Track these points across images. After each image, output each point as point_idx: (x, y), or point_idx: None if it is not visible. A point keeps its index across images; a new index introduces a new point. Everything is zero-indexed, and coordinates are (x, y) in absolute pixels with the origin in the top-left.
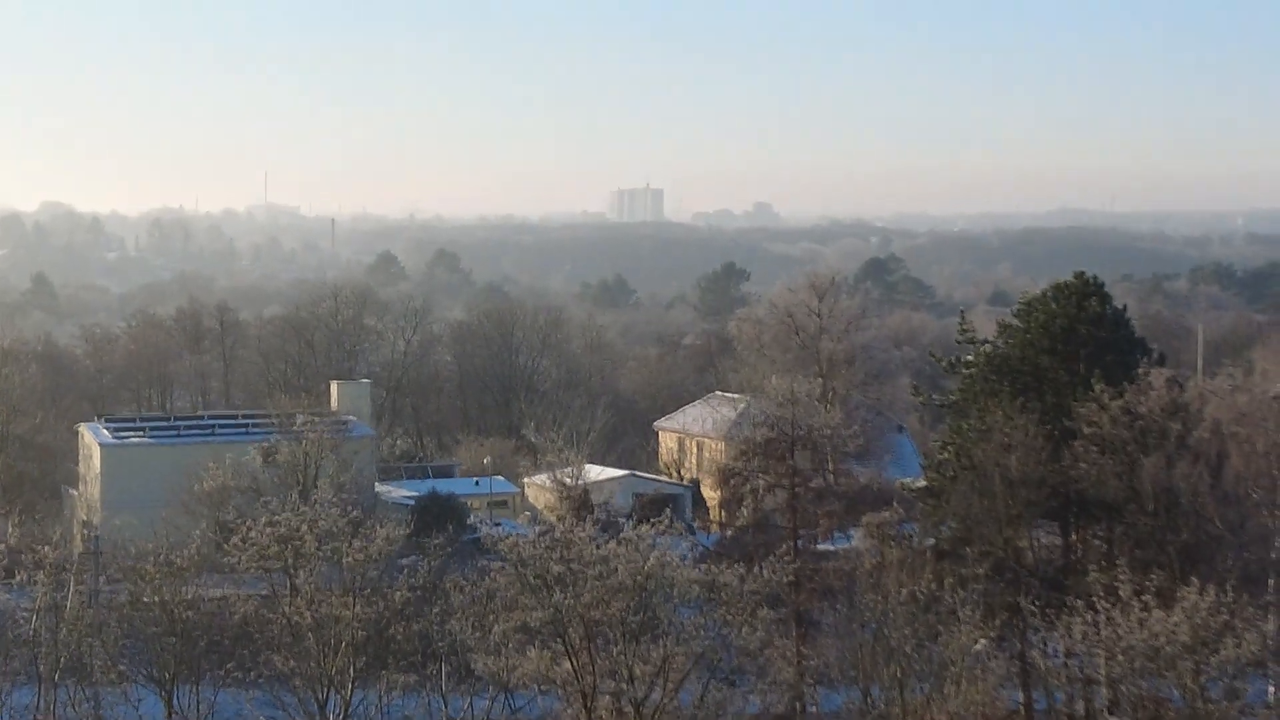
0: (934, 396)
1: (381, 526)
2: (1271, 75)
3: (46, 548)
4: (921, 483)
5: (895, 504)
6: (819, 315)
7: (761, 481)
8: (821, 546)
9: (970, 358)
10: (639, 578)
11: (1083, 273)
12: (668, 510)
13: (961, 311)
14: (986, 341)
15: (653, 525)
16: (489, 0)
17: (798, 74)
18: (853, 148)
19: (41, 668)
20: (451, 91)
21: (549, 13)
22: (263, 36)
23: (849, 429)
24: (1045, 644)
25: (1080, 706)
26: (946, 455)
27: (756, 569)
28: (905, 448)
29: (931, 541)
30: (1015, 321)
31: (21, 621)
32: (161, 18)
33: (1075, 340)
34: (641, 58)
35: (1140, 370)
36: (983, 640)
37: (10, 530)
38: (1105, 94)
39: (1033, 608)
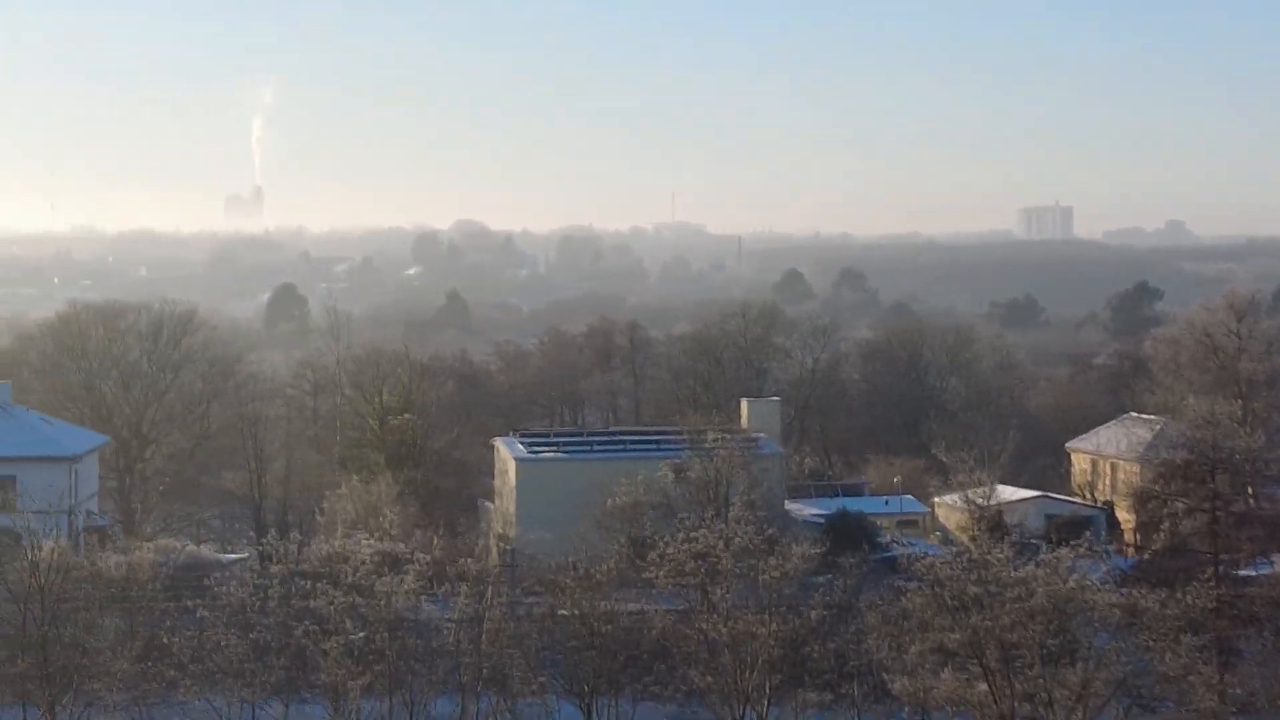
0: None
1: (796, 545)
2: None
3: (469, 560)
4: None
5: None
6: (1238, 335)
7: (1180, 505)
8: (1243, 572)
9: None
10: (1058, 601)
11: None
12: (1087, 533)
13: None
14: None
15: (1071, 547)
16: (896, 22)
17: (1208, 84)
18: (1273, 163)
19: (463, 677)
20: (855, 110)
21: (958, 27)
22: (674, 64)
23: (1271, 452)
24: None
25: None
26: None
27: (1178, 594)
28: None
29: None
30: None
31: (445, 631)
32: (576, 45)
33: None
34: (1047, 74)
35: None
36: None
37: (435, 543)
38: None
39: None
